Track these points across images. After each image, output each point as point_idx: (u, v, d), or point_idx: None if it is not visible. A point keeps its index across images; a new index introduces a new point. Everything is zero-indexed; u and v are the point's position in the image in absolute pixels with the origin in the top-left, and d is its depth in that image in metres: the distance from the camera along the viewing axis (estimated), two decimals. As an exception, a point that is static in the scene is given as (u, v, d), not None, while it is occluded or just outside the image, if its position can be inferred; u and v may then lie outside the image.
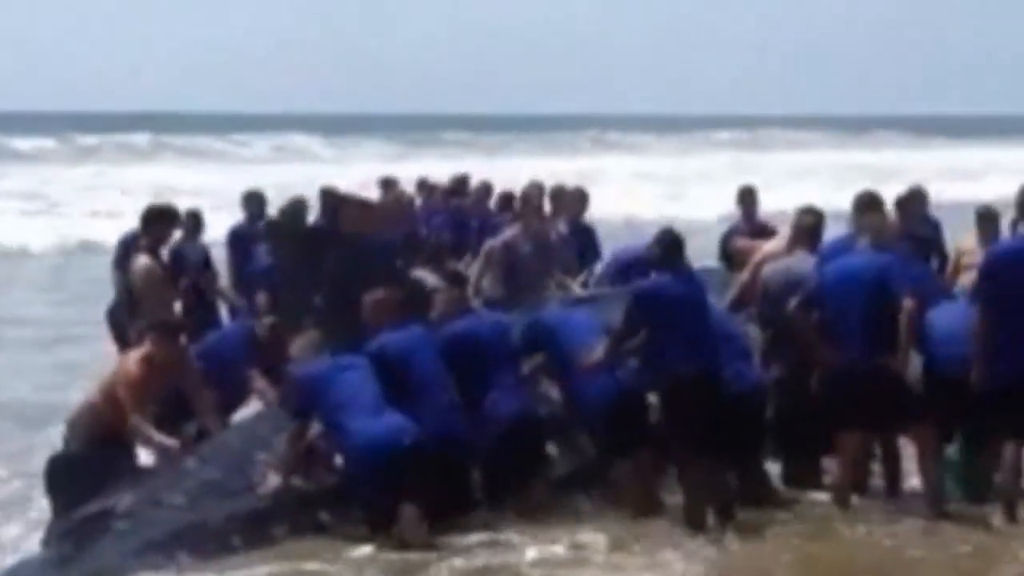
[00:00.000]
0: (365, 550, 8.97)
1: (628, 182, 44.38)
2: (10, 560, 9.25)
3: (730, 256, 12.82)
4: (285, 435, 9.44)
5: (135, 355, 9.83)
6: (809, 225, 10.76)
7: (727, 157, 60.40)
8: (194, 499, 9.23)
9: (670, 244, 9.72)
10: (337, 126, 77.30)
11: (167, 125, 73.89)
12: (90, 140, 62.44)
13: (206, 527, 9.05)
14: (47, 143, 60.02)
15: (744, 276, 11.38)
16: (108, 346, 12.08)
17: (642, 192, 40.95)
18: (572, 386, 9.89)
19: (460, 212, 14.47)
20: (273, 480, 9.31)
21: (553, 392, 10.14)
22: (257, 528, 9.12)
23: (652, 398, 9.72)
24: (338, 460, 9.36)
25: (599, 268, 13.31)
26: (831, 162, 56.45)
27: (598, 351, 9.66)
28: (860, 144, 78.48)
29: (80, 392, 10.59)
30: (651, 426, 9.71)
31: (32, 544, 9.45)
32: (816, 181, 43.09)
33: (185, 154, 59.69)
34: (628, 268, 12.60)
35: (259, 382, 10.41)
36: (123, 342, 11.46)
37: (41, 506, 9.96)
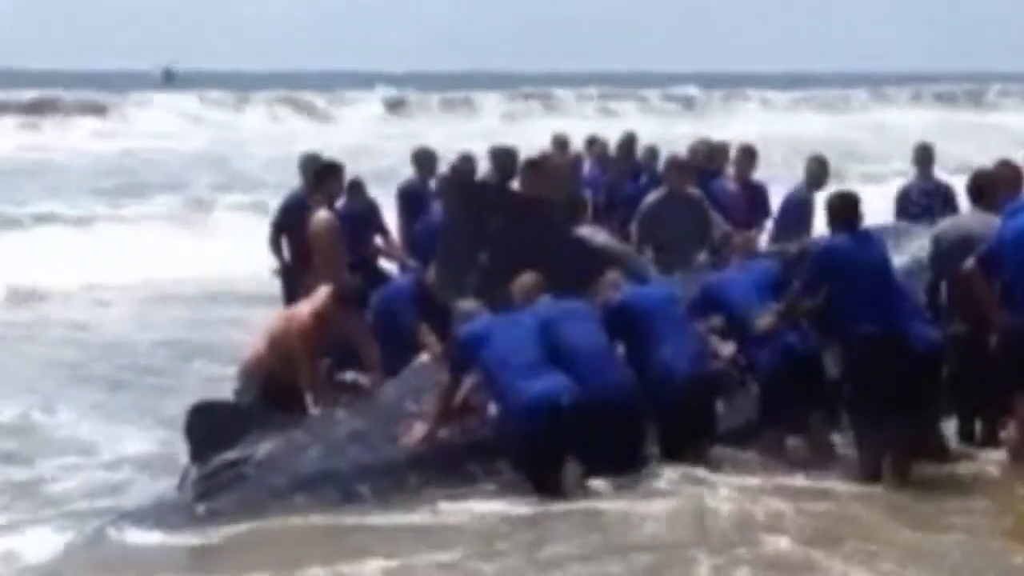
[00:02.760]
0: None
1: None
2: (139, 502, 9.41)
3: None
4: (437, 387, 9.50)
5: (308, 307, 9.95)
6: (987, 181, 10.47)
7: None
8: (332, 448, 9.30)
9: (845, 204, 9.64)
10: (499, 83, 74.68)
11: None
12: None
13: (334, 474, 9.11)
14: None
15: None
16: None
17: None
18: (747, 346, 9.90)
19: (624, 173, 14.38)
20: (419, 430, 9.36)
21: (723, 349, 10.12)
22: (391, 478, 9.14)
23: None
24: (492, 413, 9.37)
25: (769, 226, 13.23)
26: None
27: (774, 311, 9.65)
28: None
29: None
30: (825, 386, 9.72)
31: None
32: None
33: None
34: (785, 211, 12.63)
35: (428, 336, 10.49)
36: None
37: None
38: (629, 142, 14.66)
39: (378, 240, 12.87)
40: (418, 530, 8.66)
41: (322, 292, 10.00)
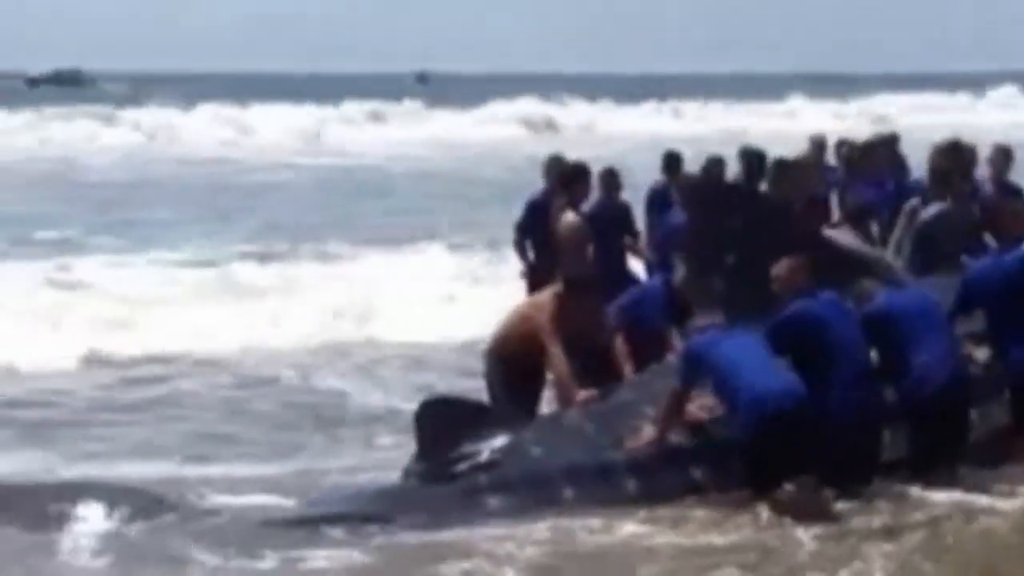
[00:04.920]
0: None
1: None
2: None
3: None
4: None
5: (547, 292, 10.15)
6: None
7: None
8: (551, 450, 9.19)
9: None
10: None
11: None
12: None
13: (539, 478, 8.99)
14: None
15: None
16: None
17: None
18: (1006, 347, 9.66)
19: (877, 174, 14.13)
20: (647, 433, 9.23)
21: (978, 354, 9.86)
22: (604, 483, 9.01)
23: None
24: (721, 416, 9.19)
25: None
26: None
27: None
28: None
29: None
30: None
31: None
32: None
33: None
34: None
35: (677, 339, 10.46)
36: None
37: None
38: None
39: (627, 240, 12.93)
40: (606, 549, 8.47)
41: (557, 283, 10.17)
